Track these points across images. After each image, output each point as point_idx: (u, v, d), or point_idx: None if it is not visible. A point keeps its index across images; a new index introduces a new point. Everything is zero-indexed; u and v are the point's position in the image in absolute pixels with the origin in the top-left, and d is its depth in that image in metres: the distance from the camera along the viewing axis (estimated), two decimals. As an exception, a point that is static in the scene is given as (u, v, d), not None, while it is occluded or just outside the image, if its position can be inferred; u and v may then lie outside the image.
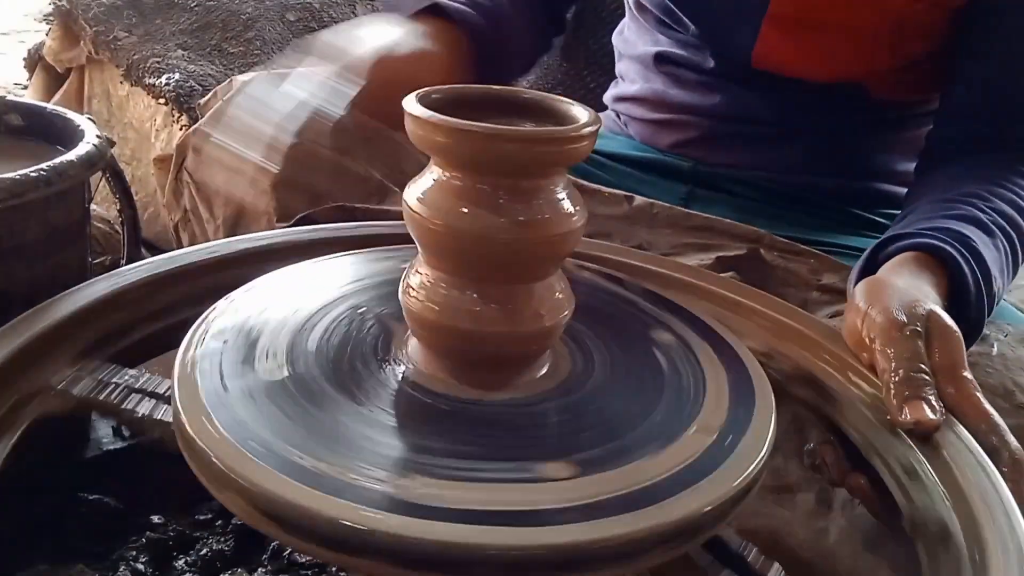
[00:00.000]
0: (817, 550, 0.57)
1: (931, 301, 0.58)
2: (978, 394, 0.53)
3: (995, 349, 0.66)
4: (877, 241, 0.69)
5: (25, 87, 1.51)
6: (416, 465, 0.43)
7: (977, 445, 0.50)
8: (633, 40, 1.06)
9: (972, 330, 0.65)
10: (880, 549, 0.53)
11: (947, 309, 0.58)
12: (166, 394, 0.51)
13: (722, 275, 0.72)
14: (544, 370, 0.51)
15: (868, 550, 0.53)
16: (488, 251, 0.46)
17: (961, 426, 0.51)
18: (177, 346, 0.50)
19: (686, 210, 0.89)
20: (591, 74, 1.44)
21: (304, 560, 0.60)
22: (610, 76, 1.14)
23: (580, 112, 0.47)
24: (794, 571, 0.56)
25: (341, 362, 0.49)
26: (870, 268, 0.67)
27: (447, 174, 0.46)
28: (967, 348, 0.56)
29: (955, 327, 0.56)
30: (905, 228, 0.69)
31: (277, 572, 0.60)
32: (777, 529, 0.59)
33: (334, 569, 0.60)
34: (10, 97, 0.71)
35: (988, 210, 0.72)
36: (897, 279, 0.62)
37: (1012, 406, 0.60)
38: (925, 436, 0.51)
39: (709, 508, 0.42)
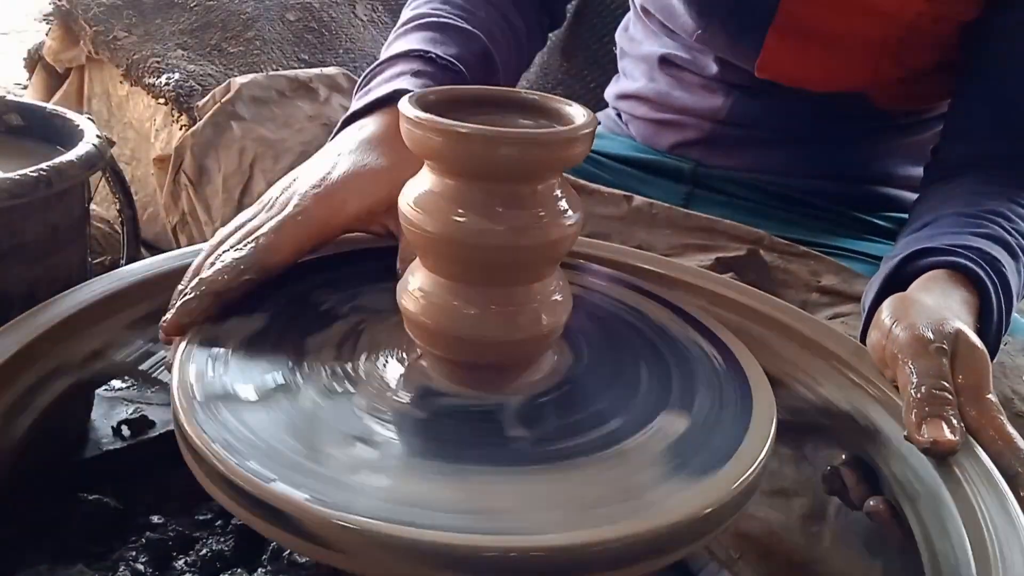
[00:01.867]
0: (811, 554, 0.57)
1: (960, 320, 0.56)
2: (1001, 417, 0.51)
3: (994, 357, 0.65)
4: (903, 253, 0.67)
5: (25, 87, 1.51)
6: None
7: (997, 471, 0.48)
8: (638, 39, 1.06)
9: (989, 353, 0.64)
10: (874, 554, 0.52)
11: (974, 330, 0.57)
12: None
13: (722, 275, 0.72)
14: (545, 370, 0.51)
15: (862, 554, 0.53)
16: (484, 254, 0.46)
17: (981, 450, 0.50)
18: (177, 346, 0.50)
19: (686, 211, 0.89)
20: (591, 74, 1.44)
21: (304, 560, 0.60)
22: (610, 75, 1.14)
23: (576, 112, 0.47)
24: (790, 574, 0.56)
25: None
26: (895, 281, 0.66)
27: (441, 177, 0.46)
28: None
29: (983, 347, 0.54)
30: (932, 242, 0.67)
31: (277, 573, 0.60)
32: (772, 533, 0.59)
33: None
34: (10, 97, 0.71)
35: (1014, 232, 0.71)
36: (926, 296, 0.60)
37: (1011, 414, 0.60)
38: (942, 456, 0.50)
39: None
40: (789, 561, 0.57)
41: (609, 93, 1.11)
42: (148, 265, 0.62)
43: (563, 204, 0.47)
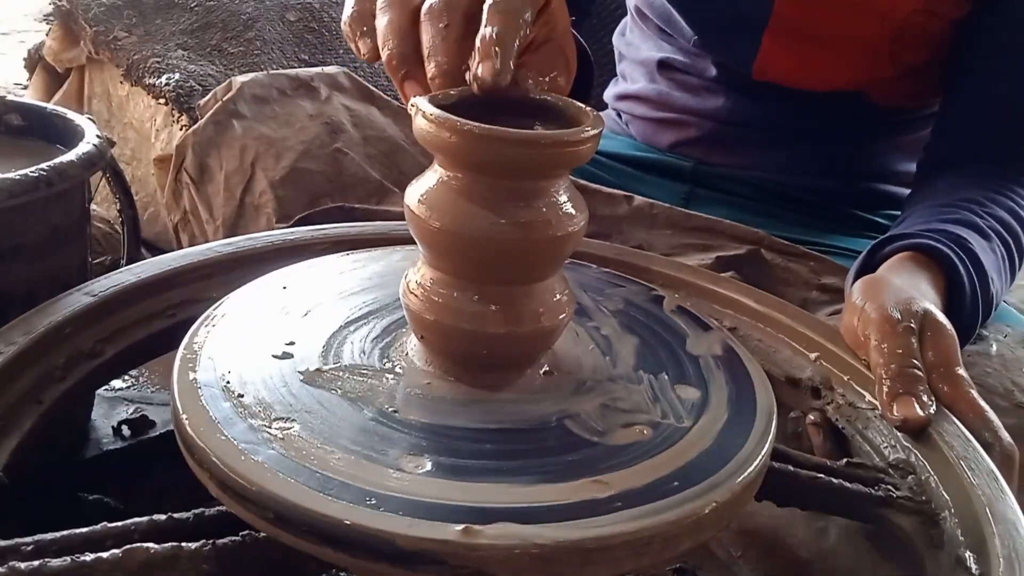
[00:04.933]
0: (817, 550, 0.57)
1: (927, 300, 0.58)
2: (972, 391, 0.54)
3: (994, 349, 0.66)
4: (874, 242, 0.70)
5: (25, 87, 1.51)
6: None
7: (971, 435, 0.51)
8: (636, 44, 1.06)
9: (967, 330, 0.65)
10: (881, 548, 0.53)
11: (944, 308, 0.59)
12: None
13: (722, 275, 0.72)
14: (541, 373, 0.51)
15: (868, 550, 0.54)
16: (489, 252, 0.46)
17: (954, 418, 0.52)
18: (177, 347, 0.50)
19: (686, 211, 0.89)
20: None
21: (304, 560, 0.60)
22: (610, 76, 1.14)
23: (585, 114, 0.47)
24: (794, 571, 0.56)
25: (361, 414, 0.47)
26: (867, 268, 0.68)
27: (450, 174, 0.46)
28: (961, 348, 0.56)
29: (949, 325, 0.56)
30: (902, 230, 0.70)
31: (277, 572, 0.60)
32: (777, 528, 0.59)
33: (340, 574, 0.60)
34: (10, 97, 0.71)
35: (985, 215, 0.73)
36: (894, 277, 0.62)
37: (1011, 405, 0.61)
38: (914, 432, 0.52)
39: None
40: (795, 557, 0.57)
41: (608, 95, 1.11)
42: (150, 265, 0.62)
43: (568, 204, 0.47)
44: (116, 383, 0.80)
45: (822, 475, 0.51)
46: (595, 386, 0.50)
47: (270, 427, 0.44)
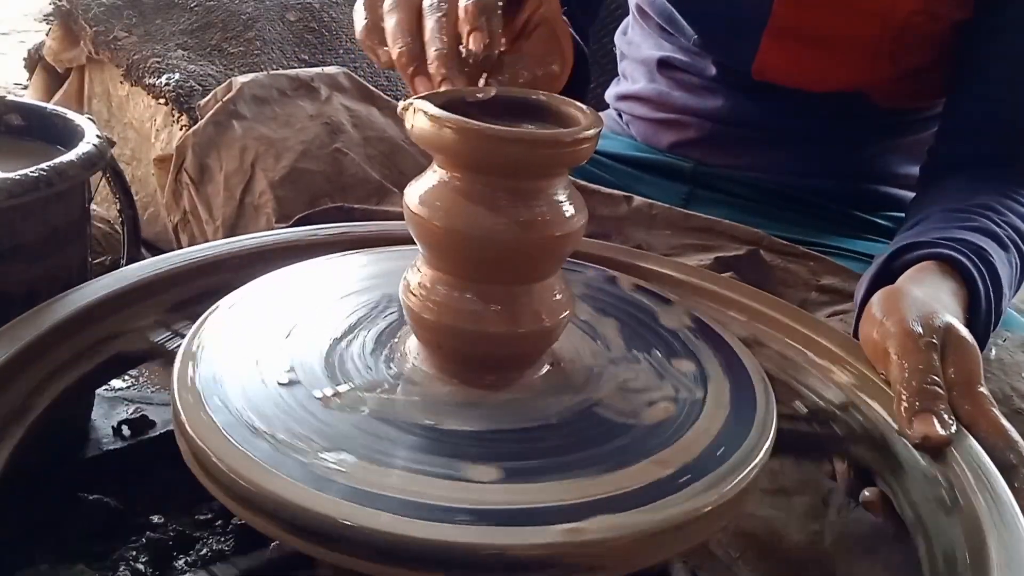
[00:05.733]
0: (812, 553, 0.57)
1: (949, 313, 0.57)
2: (994, 410, 0.52)
3: (993, 354, 0.66)
4: (891, 248, 0.68)
5: (25, 87, 1.51)
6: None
7: (991, 462, 0.49)
8: (637, 43, 1.06)
9: (978, 342, 0.64)
10: (876, 552, 0.53)
11: (964, 321, 0.57)
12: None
13: (722, 275, 0.72)
14: (545, 369, 0.51)
15: (863, 553, 0.54)
16: (488, 252, 0.46)
17: (974, 440, 0.50)
18: (172, 349, 0.50)
19: (685, 211, 0.89)
20: (591, 74, 1.44)
21: (304, 560, 0.60)
22: (610, 76, 1.14)
23: (583, 114, 0.47)
24: (793, 571, 0.56)
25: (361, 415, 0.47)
26: (884, 275, 0.67)
27: (449, 174, 0.46)
28: None
29: (972, 340, 0.55)
30: (920, 236, 0.68)
31: (277, 572, 0.60)
32: (773, 531, 0.59)
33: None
34: (10, 97, 0.71)
35: (1003, 224, 0.71)
36: (916, 288, 0.61)
37: (1010, 411, 0.60)
38: (934, 450, 0.50)
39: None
40: (789, 560, 0.57)
41: (609, 95, 1.11)
42: (150, 265, 0.62)
43: (567, 203, 0.47)
44: (116, 383, 0.80)
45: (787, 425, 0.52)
46: (602, 371, 0.51)
47: (320, 458, 0.42)
